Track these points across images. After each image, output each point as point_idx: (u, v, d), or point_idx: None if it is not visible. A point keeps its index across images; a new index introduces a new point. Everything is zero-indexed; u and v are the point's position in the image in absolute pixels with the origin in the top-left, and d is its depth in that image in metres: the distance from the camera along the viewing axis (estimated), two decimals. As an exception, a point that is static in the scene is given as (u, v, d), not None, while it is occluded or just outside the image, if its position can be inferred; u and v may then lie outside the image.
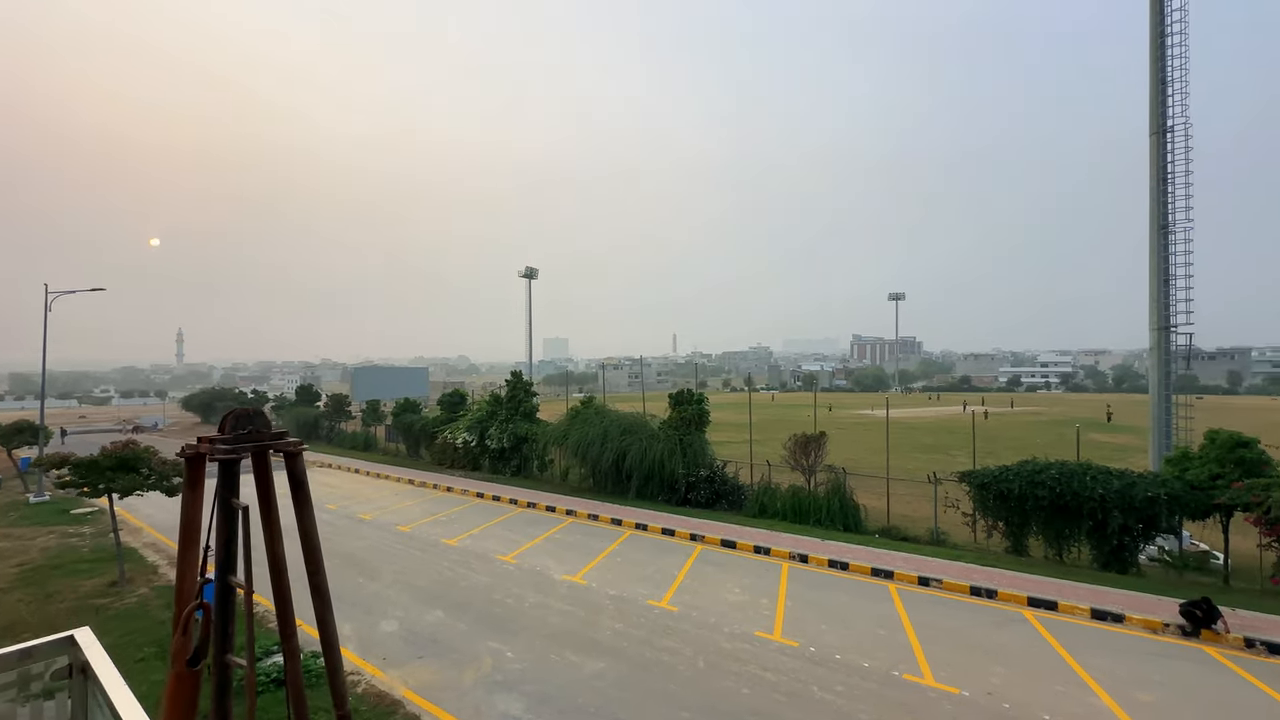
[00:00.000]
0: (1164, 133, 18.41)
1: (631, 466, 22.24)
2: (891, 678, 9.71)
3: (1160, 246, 18.52)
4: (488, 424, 29.05)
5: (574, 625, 11.71)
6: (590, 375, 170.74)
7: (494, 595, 13.31)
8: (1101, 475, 15.15)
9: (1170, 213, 18.33)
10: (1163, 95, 18.38)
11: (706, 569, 15.05)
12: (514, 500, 22.76)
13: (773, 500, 20.14)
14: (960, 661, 10.23)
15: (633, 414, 24.75)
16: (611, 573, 14.78)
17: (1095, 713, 8.72)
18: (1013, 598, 12.98)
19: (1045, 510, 15.58)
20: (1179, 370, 19.01)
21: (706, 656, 10.38)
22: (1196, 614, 11.22)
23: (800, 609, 12.51)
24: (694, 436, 22.71)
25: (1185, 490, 14.48)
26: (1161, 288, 18.54)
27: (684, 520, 19.32)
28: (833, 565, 15.20)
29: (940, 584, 13.81)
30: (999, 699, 9.07)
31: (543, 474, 27.88)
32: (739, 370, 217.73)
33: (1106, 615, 12.07)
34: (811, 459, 20.45)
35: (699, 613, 12.26)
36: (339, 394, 45.83)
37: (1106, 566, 15.00)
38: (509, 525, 19.50)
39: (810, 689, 9.32)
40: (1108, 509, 14.69)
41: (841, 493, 19.23)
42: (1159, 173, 18.53)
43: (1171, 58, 18.21)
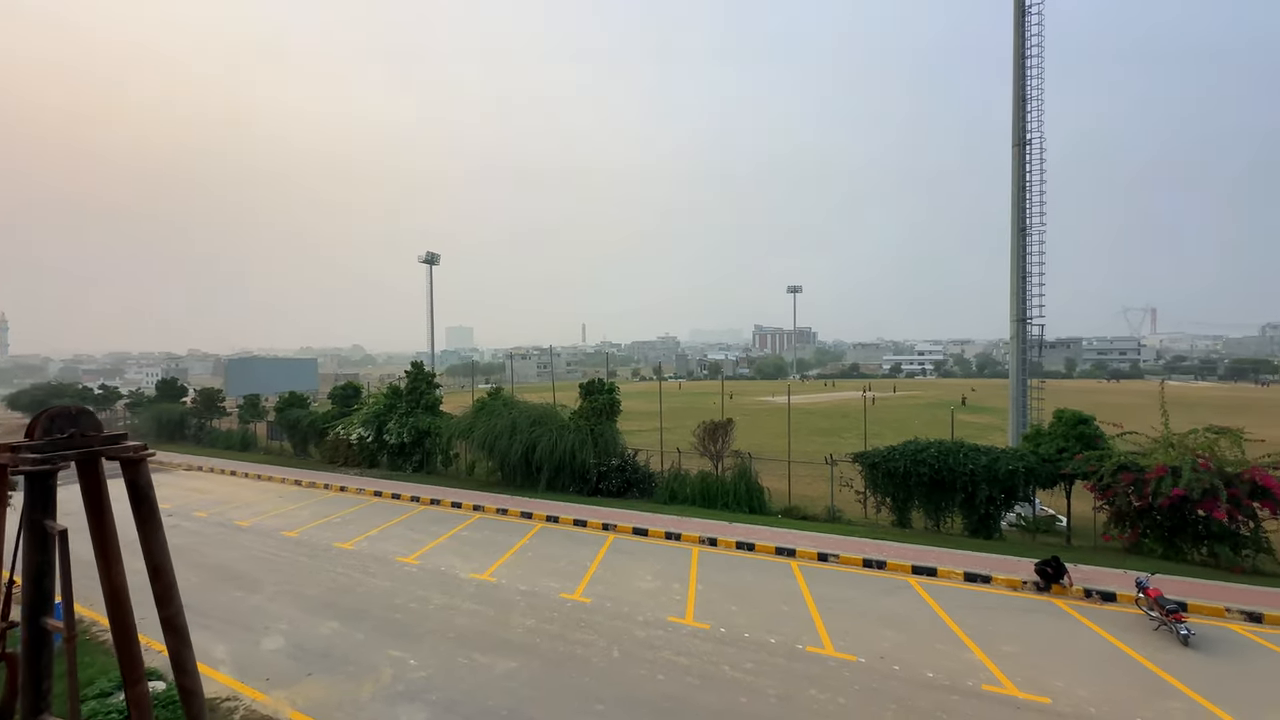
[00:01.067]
0: (1023, 145, 20.59)
1: (542, 458, 21.78)
2: (796, 651, 10.19)
3: (1019, 247, 20.75)
4: (386, 418, 27.27)
5: (483, 625, 11.25)
6: (497, 365, 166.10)
7: (395, 600, 12.49)
8: (971, 452, 16.81)
9: (1027, 217, 20.57)
10: (1022, 112, 20.53)
11: (619, 558, 15.05)
12: (416, 498, 21.55)
13: (683, 487, 20.53)
14: (856, 630, 10.94)
15: (542, 405, 24.23)
16: (522, 568, 14.38)
17: (970, 666, 9.66)
18: (899, 567, 14.11)
19: (926, 485, 17.06)
20: (1033, 358, 21.49)
21: (621, 646, 10.35)
22: (1048, 571, 12.76)
23: (711, 591, 12.82)
24: (605, 426, 22.63)
25: (1038, 463, 16.42)
26: (1020, 284, 20.80)
27: (596, 510, 19.22)
28: (740, 547, 15.75)
29: (837, 559, 14.72)
30: (890, 662, 9.79)
31: (447, 469, 26.66)
32: (648, 360, 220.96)
33: (977, 577, 13.43)
34: (719, 445, 21.06)
35: (613, 603, 12.21)
36: (210, 389, 41.07)
37: (975, 533, 16.71)
38: (410, 524, 18.42)
39: (722, 669, 9.56)
40: (977, 482, 16.35)
41: (747, 477, 19.97)
42: (1018, 181, 20.72)
43: (1030, 77, 20.36)
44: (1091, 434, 16.91)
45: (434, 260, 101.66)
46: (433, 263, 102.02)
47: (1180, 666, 9.64)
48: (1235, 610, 11.51)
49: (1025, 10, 20.21)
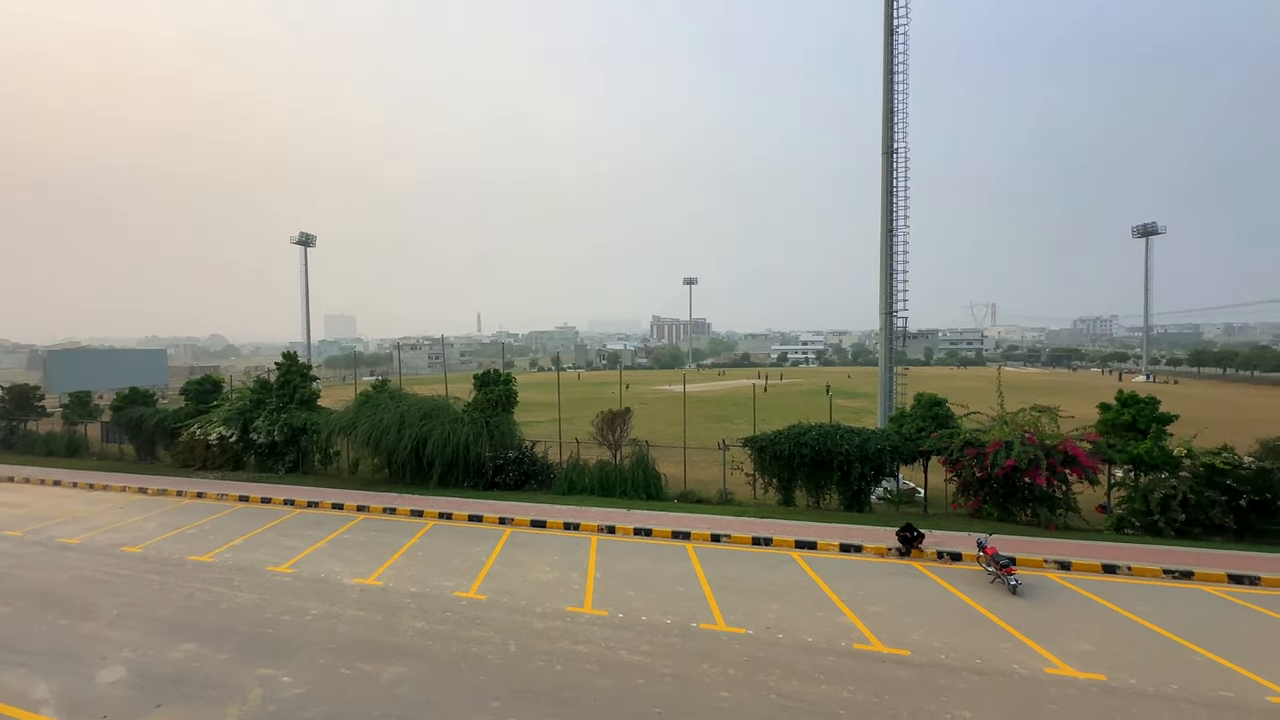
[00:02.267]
0: (891, 153, 22.61)
1: (434, 453, 20.80)
2: (691, 629, 10.60)
3: (887, 247, 22.83)
4: (253, 415, 24.67)
5: (368, 632, 10.58)
6: (384, 357, 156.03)
7: (265, 614, 11.40)
8: (847, 434, 18.35)
9: (894, 219, 22.66)
10: (891, 123, 22.51)
11: (517, 552, 14.78)
12: (290, 501, 19.75)
13: (581, 476, 20.54)
14: (746, 605, 11.59)
15: (434, 397, 23.12)
16: (412, 569, 13.69)
17: (843, 629, 10.59)
18: (784, 543, 15.11)
19: (808, 466, 18.38)
20: (898, 347, 23.80)
21: (518, 640, 10.20)
22: (909, 537, 14.27)
23: (609, 579, 12.98)
24: (501, 418, 22.05)
25: (902, 442, 18.26)
26: (887, 280, 22.91)
27: (492, 504, 18.72)
28: (638, 533, 16.07)
29: (729, 538, 15.48)
30: (775, 631, 10.49)
31: (326, 469, 24.68)
32: (546, 350, 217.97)
33: (850, 548, 14.72)
34: (617, 434, 21.29)
35: (509, 597, 11.99)
36: (23, 385, 34.79)
37: (849, 508, 18.29)
38: (284, 530, 16.87)
39: (619, 654, 9.72)
40: (851, 461, 17.88)
41: (645, 464, 20.38)
42: (887, 186, 22.75)
43: (898, 92, 22.34)
44: (944, 414, 19.08)
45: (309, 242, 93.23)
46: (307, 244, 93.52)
47: (1010, 612, 11.21)
48: (1050, 560, 13.57)
49: (893, 30, 22.08)
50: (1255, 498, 15.15)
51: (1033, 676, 9.04)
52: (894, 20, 22.05)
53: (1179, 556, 13.77)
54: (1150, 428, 16.99)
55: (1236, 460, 15.66)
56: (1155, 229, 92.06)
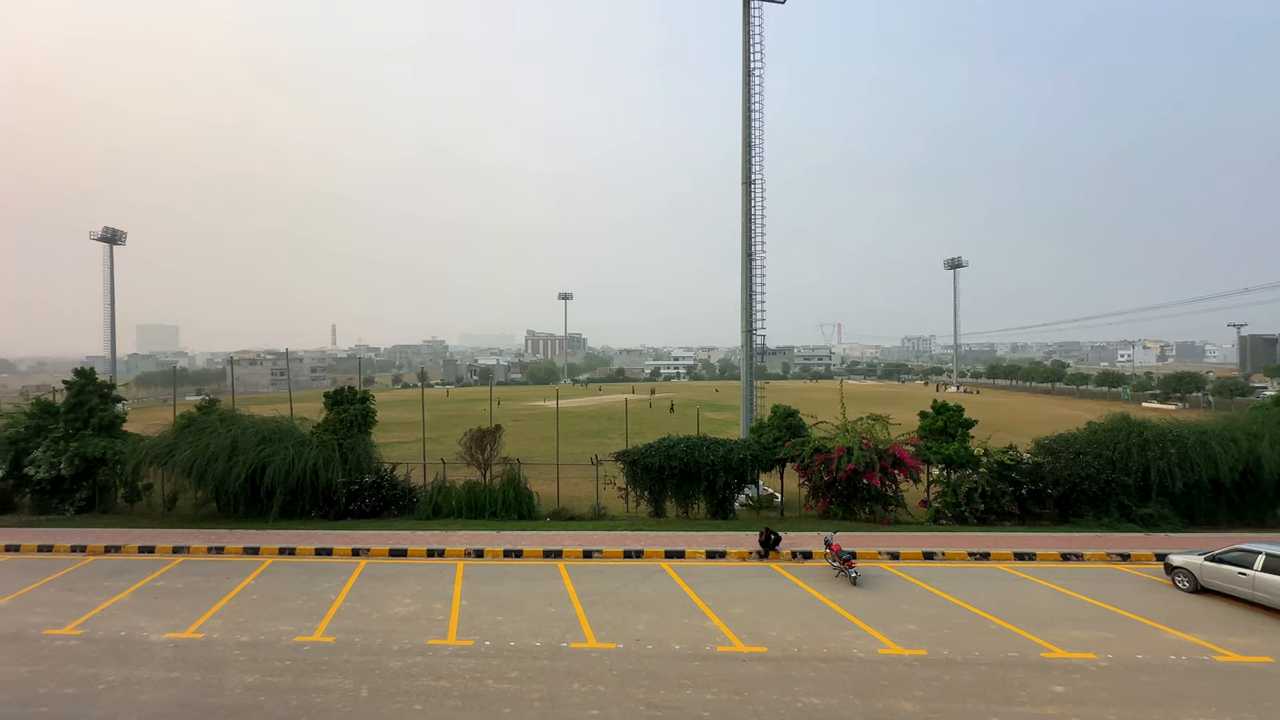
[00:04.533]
0: (750, 183, 24.51)
1: (274, 480, 18.51)
2: (561, 649, 10.43)
3: (747, 270, 24.61)
4: (29, 444, 20.29)
5: (184, 695, 9.07)
6: (215, 373, 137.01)
7: (37, 690, 9.32)
8: (713, 445, 19.32)
9: (754, 244, 24.51)
10: (749, 155, 24.43)
11: (372, 585, 13.59)
12: (79, 547, 16.45)
13: (448, 499, 19.47)
14: (616, 619, 11.66)
15: (276, 418, 20.67)
16: (243, 614, 12.01)
17: (707, 633, 11.05)
18: (654, 554, 15.47)
19: (677, 477, 19.05)
20: (758, 362, 25.64)
21: (372, 683, 9.34)
22: (768, 540, 15.30)
23: (476, 606, 12.38)
24: (357, 439, 20.28)
25: (761, 451, 19.61)
26: (748, 301, 24.67)
27: (344, 535, 17.07)
28: (508, 555, 15.54)
29: (601, 554, 15.51)
30: (645, 642, 10.66)
31: (134, 505, 20.94)
32: (412, 365, 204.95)
33: (716, 554, 15.46)
34: (487, 453, 20.53)
35: (362, 637, 10.96)
36: None
37: (716, 515, 19.23)
38: (69, 584, 14.00)
39: (485, 685, 9.28)
40: (716, 471, 18.84)
41: (516, 483, 19.83)
42: (746, 213, 24.59)
43: (755, 128, 24.33)
44: (798, 424, 20.84)
45: (115, 238, 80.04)
46: (114, 241, 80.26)
47: (851, 602, 12.43)
48: (884, 552, 15.30)
49: (750, 73, 24.07)
50: (1032, 487, 18.31)
51: (869, 658, 10.08)
52: (750, 63, 24.05)
53: (979, 540, 16.21)
54: (958, 431, 19.91)
55: (1019, 457, 18.84)
56: (960, 262, 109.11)
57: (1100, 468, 17.78)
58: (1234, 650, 10.25)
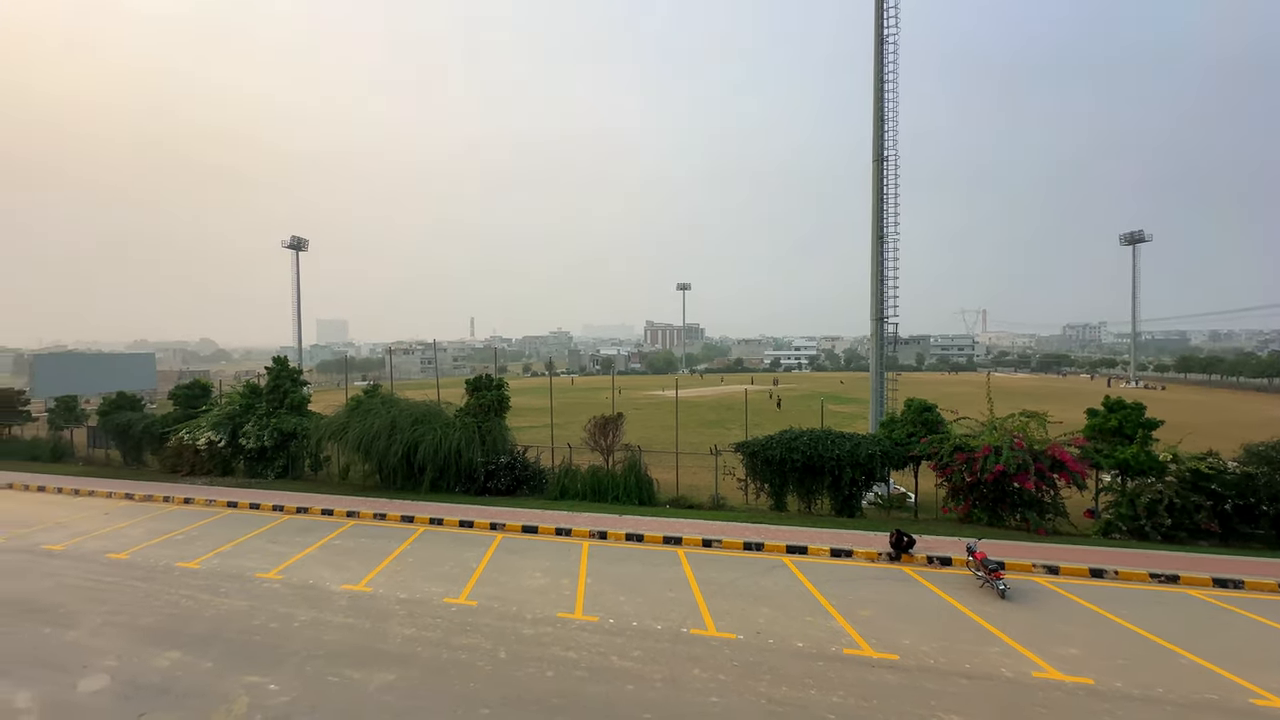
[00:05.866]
0: (882, 160, 22.81)
1: (425, 458, 20.71)
2: (681, 634, 10.59)
3: (878, 253, 22.99)
4: (242, 419, 24.48)
5: (357, 639, 10.50)
6: (376, 361, 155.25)
7: (252, 621, 11.29)
8: (838, 439, 18.41)
9: (885, 225, 22.84)
10: (881, 130, 22.72)
11: (508, 557, 14.73)
12: (279, 507, 19.59)
13: (574, 482, 20.51)
14: (736, 610, 11.59)
15: (426, 402, 23.03)
16: (402, 575, 13.60)
17: (833, 633, 10.61)
18: (775, 547, 15.13)
19: (799, 471, 18.43)
20: (889, 353, 23.95)
21: (509, 647, 10.15)
22: (900, 542, 14.33)
23: (600, 584, 12.95)
24: (494, 423, 21.99)
25: (892, 447, 18.34)
26: (878, 286, 23.07)
27: (483, 510, 18.64)
28: (629, 538, 16.05)
29: (720, 544, 15.48)
30: (765, 636, 10.49)
31: (317, 474, 24.50)
32: (539, 355, 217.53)
33: (841, 552, 14.76)
34: (610, 439, 21.28)
35: (500, 604, 11.94)
36: (8, 390, 34.37)
37: (840, 513, 18.34)
38: (272, 536, 16.73)
39: (610, 660, 9.70)
40: (842, 466, 17.94)
41: (637, 469, 20.38)
42: (877, 192, 22.94)
43: (888, 100, 22.57)
44: (935, 420, 19.20)
45: (301, 246, 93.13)
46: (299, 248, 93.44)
47: (999, 616, 11.27)
48: (1039, 565, 13.67)
49: (883, 39, 22.33)
50: (1239, 502, 15.32)
51: (1020, 680, 9.09)
52: (884, 29, 22.31)
53: (1165, 561, 13.90)
54: (1136, 433, 17.16)
55: (1221, 465, 15.84)
56: (1142, 237, 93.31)
57: (1340, 483, 14.41)
58: None
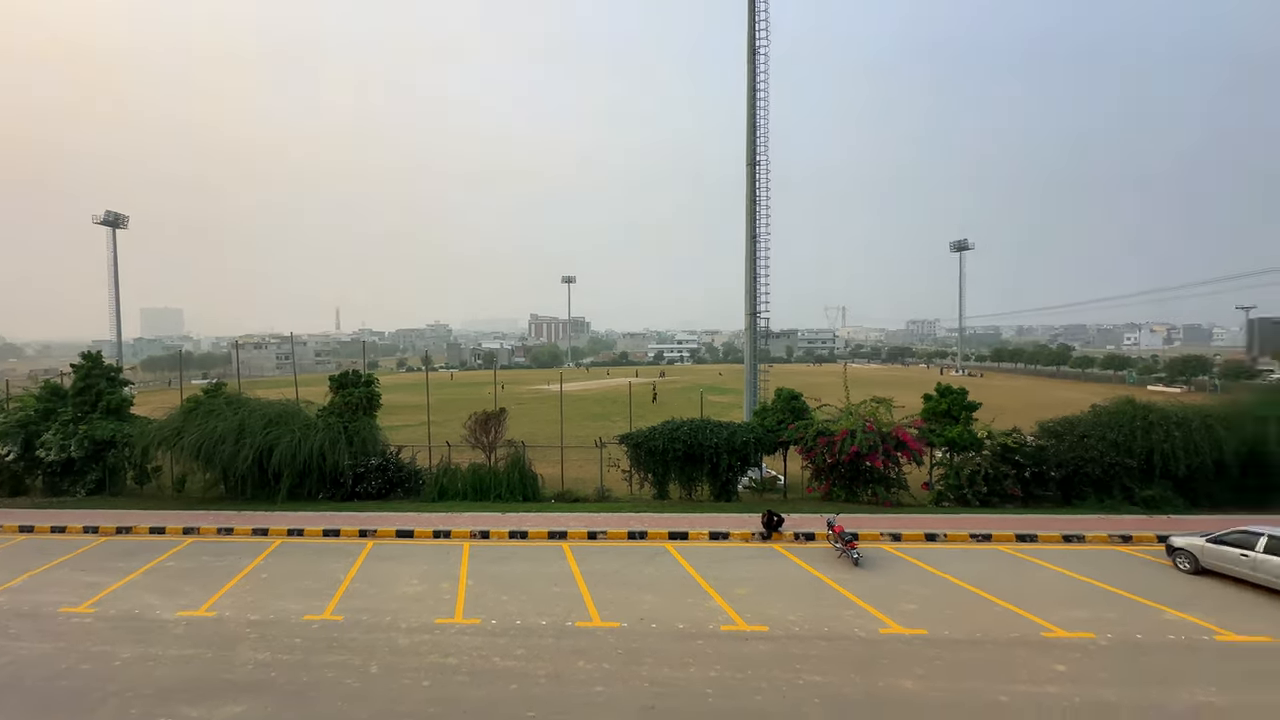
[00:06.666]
0: (754, 165, 24.22)
1: (281, 463, 18.68)
2: (566, 629, 10.58)
3: (751, 252, 24.44)
4: (39, 428, 20.51)
5: (196, 671, 9.27)
6: (220, 357, 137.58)
7: (57, 666, 9.54)
8: (716, 428, 19.37)
9: (757, 226, 24.31)
10: (754, 136, 24.11)
11: (380, 565, 13.79)
12: (92, 528, 16.70)
13: (453, 481, 19.64)
14: (621, 599, 11.80)
15: (282, 402, 20.80)
16: (254, 594, 12.22)
17: (711, 612, 11.18)
18: (658, 535, 15.61)
19: (681, 460, 19.13)
20: (761, 346, 25.59)
21: (381, 660, 9.52)
22: (771, 522, 15.41)
23: (482, 585, 12.55)
24: (363, 422, 20.41)
25: (765, 434, 19.65)
26: (751, 284, 24.54)
27: (352, 516, 17.27)
28: (513, 536, 15.71)
29: (605, 535, 15.66)
30: (649, 621, 10.80)
31: (143, 488, 21.22)
32: (415, 349, 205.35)
33: (719, 535, 15.58)
34: (492, 436, 20.65)
35: (371, 615, 11.14)
36: None
37: (719, 497, 19.34)
38: (82, 564, 14.24)
39: (492, 662, 9.45)
40: (720, 453, 18.90)
41: (521, 465, 19.97)
42: (750, 195, 24.35)
43: (759, 109, 23.98)
44: (801, 407, 20.84)
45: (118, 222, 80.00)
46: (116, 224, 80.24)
47: (853, 582, 12.54)
48: (886, 534, 15.40)
49: (755, 50, 23.66)
50: (1035, 470, 18.32)
51: (870, 637, 10.20)
52: (755, 41, 23.63)
53: (981, 522, 16.28)
54: (961, 414, 19.87)
55: (1022, 439, 18.82)
56: (967, 245, 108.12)
57: (1104, 450, 17.76)
58: (1234, 631, 10.32)
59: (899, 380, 78.58)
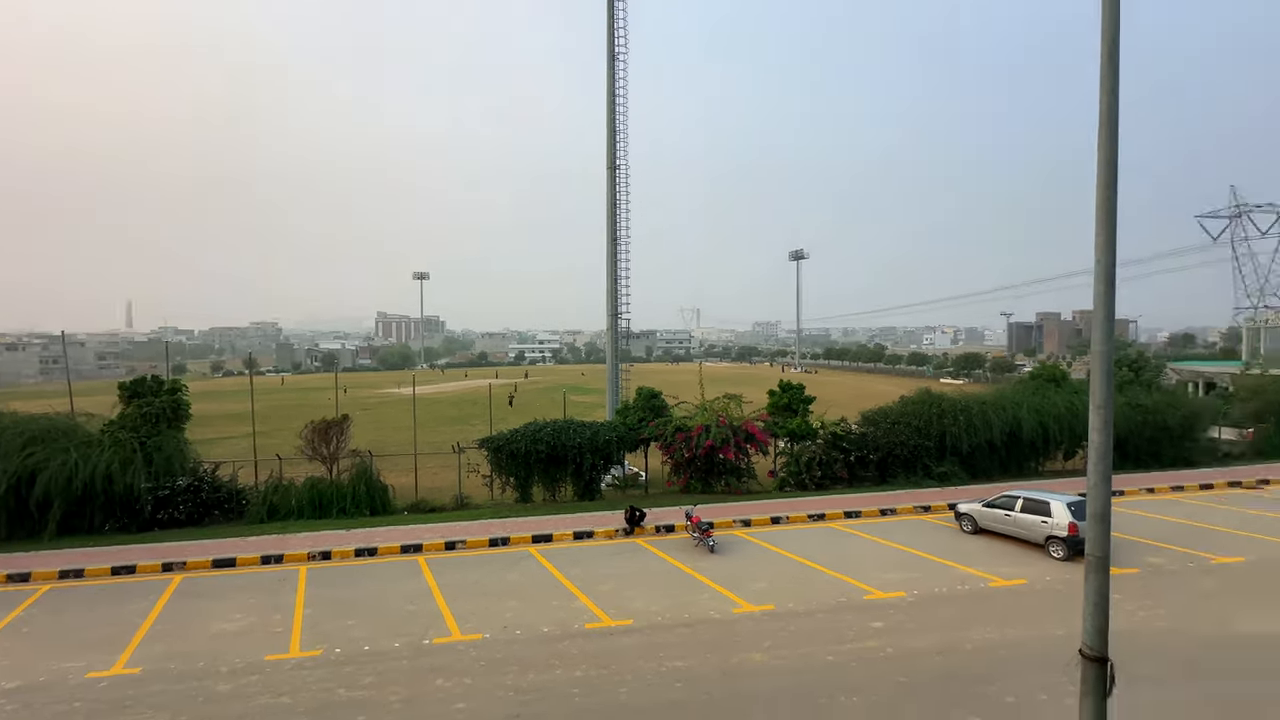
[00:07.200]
0: (614, 169, 24.70)
1: (50, 491, 15.25)
2: (423, 647, 9.95)
3: (612, 255, 24.89)
4: None
5: (-79, 764, 7.25)
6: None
7: None
8: (579, 428, 19.46)
9: (619, 229, 24.82)
10: (614, 141, 24.58)
11: (191, 603, 11.85)
12: None
13: (286, 499, 17.50)
14: (482, 609, 11.37)
15: (48, 416, 17.04)
16: (11, 655, 9.85)
17: (576, 612, 11.21)
18: (521, 539, 15.29)
19: (544, 461, 18.93)
20: (622, 346, 26.16)
21: (195, 712, 8.19)
22: (633, 517, 15.83)
23: (323, 612, 11.34)
24: (165, 437, 17.39)
25: (627, 432, 20.14)
26: (613, 285, 25.00)
27: (151, 549, 14.64)
28: (360, 554, 14.41)
29: (464, 544, 14.98)
30: (512, 629, 10.54)
31: None
32: (236, 350, 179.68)
33: (583, 535, 15.66)
34: (333, 445, 18.74)
35: (179, 663, 9.53)
36: None
37: (583, 497, 19.45)
38: None
39: (336, 694, 8.58)
40: (583, 453, 19.02)
41: (368, 476, 18.39)
42: (611, 199, 24.80)
43: (619, 114, 24.49)
44: (661, 405, 21.69)
45: None
46: None
47: (709, 568, 13.33)
48: (738, 520, 16.59)
49: (614, 56, 24.14)
50: (859, 454, 20.91)
51: (724, 618, 10.92)
52: (615, 48, 24.11)
53: (816, 504, 18.20)
54: (800, 408, 22.06)
55: (849, 429, 21.39)
56: (803, 254, 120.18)
57: (909, 435, 20.81)
58: (1002, 577, 12.67)
59: (747, 377, 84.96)
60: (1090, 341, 5.33)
